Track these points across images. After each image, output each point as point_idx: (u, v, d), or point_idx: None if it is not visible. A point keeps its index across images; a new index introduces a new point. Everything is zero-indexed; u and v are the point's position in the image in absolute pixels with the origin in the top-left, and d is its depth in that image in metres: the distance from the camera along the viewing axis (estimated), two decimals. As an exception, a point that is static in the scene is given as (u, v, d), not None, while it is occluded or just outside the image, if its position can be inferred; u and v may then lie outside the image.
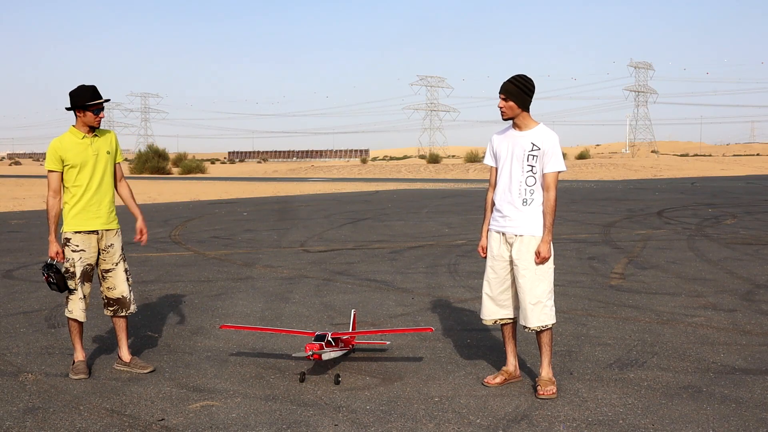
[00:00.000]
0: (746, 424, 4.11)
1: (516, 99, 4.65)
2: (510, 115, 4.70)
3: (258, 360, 5.50)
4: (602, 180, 45.00)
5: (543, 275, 4.67)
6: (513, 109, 4.68)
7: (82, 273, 5.11)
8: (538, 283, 4.66)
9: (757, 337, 5.98)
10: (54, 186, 5.14)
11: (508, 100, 4.66)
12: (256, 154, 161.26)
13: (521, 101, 4.66)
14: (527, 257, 4.66)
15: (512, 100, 4.65)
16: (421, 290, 8.26)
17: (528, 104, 4.69)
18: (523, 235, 4.68)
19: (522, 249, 4.68)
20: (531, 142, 4.66)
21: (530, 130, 4.70)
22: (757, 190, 28.71)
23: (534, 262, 4.65)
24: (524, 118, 4.71)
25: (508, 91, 4.66)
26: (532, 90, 4.68)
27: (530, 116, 4.74)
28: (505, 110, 4.69)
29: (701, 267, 9.58)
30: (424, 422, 4.19)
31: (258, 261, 10.67)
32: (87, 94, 5.08)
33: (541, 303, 4.66)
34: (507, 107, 4.68)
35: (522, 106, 4.67)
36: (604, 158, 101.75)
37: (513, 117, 4.72)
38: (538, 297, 4.66)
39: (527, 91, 4.66)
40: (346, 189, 35.75)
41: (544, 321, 4.69)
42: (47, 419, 4.27)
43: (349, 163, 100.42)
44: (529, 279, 4.66)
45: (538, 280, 4.66)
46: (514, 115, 4.70)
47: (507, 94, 4.66)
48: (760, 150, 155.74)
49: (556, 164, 4.64)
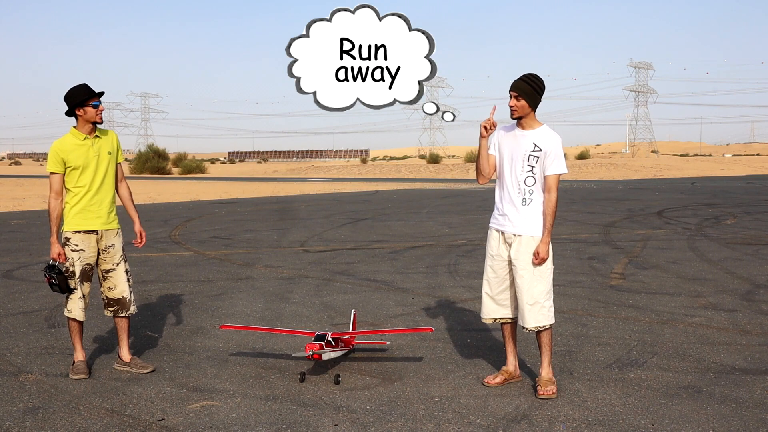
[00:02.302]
0: (746, 424, 4.12)
1: (528, 98, 4.61)
2: (520, 114, 4.65)
3: (258, 360, 5.50)
4: (602, 180, 45.00)
5: (541, 276, 4.66)
6: (524, 108, 4.63)
7: (81, 273, 5.12)
8: (536, 284, 4.65)
9: (757, 337, 5.98)
10: (56, 188, 5.15)
11: (520, 98, 4.61)
12: (256, 154, 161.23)
13: (533, 101, 4.62)
14: (525, 257, 4.65)
15: (525, 100, 4.61)
16: (421, 290, 8.26)
17: (537, 104, 4.66)
18: (522, 235, 4.67)
19: (520, 249, 4.67)
20: (533, 143, 4.63)
21: (533, 130, 4.68)
22: (757, 190, 28.71)
23: (532, 263, 4.65)
24: (530, 118, 4.69)
25: (521, 89, 4.60)
26: (543, 90, 4.65)
27: (535, 117, 4.71)
28: (516, 109, 4.64)
29: (701, 267, 9.58)
30: (424, 422, 4.19)
31: (258, 261, 10.67)
32: (82, 90, 5.10)
33: (538, 303, 4.65)
34: (519, 106, 4.63)
35: (532, 105, 4.64)
36: (604, 158, 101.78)
37: (523, 116, 4.67)
38: (535, 297, 4.65)
39: (540, 91, 4.63)
40: (346, 189, 35.75)
41: (541, 322, 4.68)
42: (47, 419, 4.27)
43: (349, 163, 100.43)
44: (527, 279, 4.65)
45: (536, 280, 4.65)
46: (524, 114, 4.66)
47: (520, 93, 4.60)
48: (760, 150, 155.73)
49: (557, 166, 4.62)
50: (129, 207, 5.46)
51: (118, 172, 5.39)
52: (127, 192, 5.46)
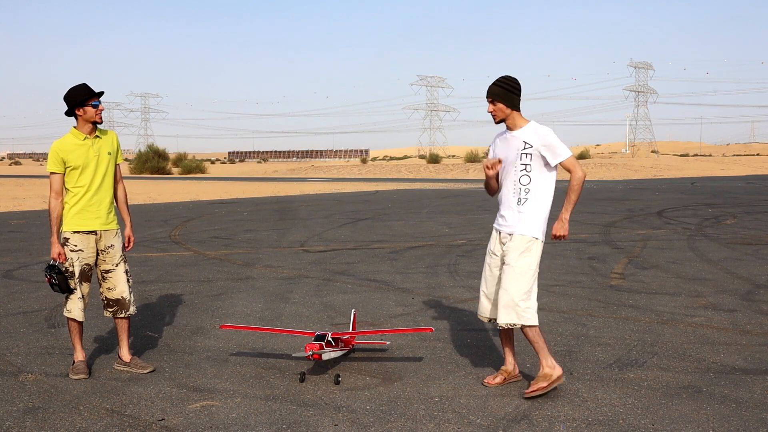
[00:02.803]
0: (746, 424, 4.11)
1: (503, 100, 4.67)
2: (501, 116, 4.73)
3: (258, 360, 5.50)
4: (602, 180, 45.01)
5: (521, 275, 4.62)
6: (503, 110, 4.69)
7: (80, 273, 5.12)
8: (513, 281, 4.62)
9: (757, 337, 5.98)
10: (56, 188, 5.15)
11: (495, 102, 4.69)
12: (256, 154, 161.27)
13: (509, 101, 4.67)
14: (512, 254, 4.66)
15: (500, 102, 4.68)
16: (421, 290, 8.26)
17: (516, 103, 4.69)
18: (514, 234, 4.69)
19: (510, 246, 4.69)
20: (523, 141, 4.68)
21: (521, 129, 4.72)
22: (757, 190, 28.71)
23: (516, 260, 4.64)
24: (515, 119, 4.73)
25: (494, 93, 4.68)
26: (517, 88, 4.69)
27: (521, 115, 4.75)
28: (495, 113, 4.72)
29: (701, 267, 9.58)
30: (424, 422, 4.19)
31: (258, 261, 10.67)
32: (82, 90, 5.10)
33: (512, 301, 4.61)
34: (496, 110, 4.71)
35: (511, 106, 4.68)
36: (604, 158, 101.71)
37: (505, 118, 4.73)
38: (510, 295, 4.62)
39: (512, 89, 4.67)
40: (346, 189, 35.75)
41: (513, 320, 4.62)
42: (47, 419, 4.27)
43: (349, 163, 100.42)
44: (507, 275, 4.65)
45: (515, 278, 4.62)
46: (505, 116, 4.72)
47: (493, 96, 4.69)
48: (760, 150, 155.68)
49: (561, 152, 4.65)
50: (123, 209, 5.46)
51: (116, 174, 5.38)
52: (123, 194, 5.46)
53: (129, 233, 5.42)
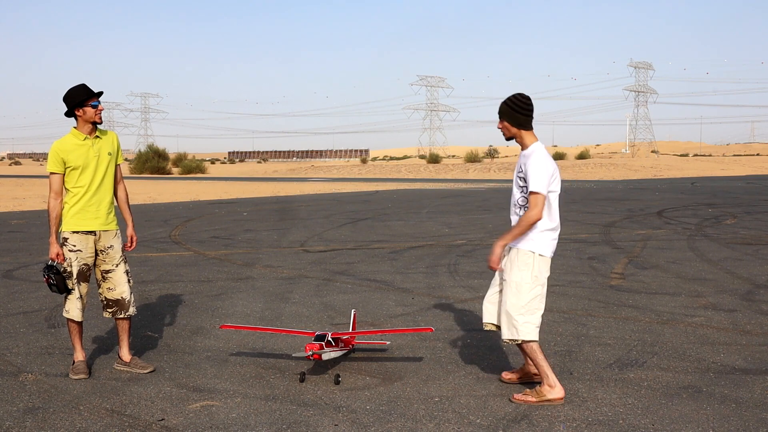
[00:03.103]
0: (746, 424, 4.11)
1: (508, 118, 4.63)
2: (508, 135, 4.71)
3: (258, 360, 5.50)
4: (602, 180, 44.99)
5: (518, 290, 4.58)
6: (508, 128, 4.67)
7: (79, 273, 5.11)
8: (510, 296, 4.59)
9: (757, 337, 5.98)
10: (55, 188, 5.14)
11: (502, 120, 4.69)
12: (256, 154, 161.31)
13: (513, 120, 4.61)
14: (509, 269, 4.63)
15: (505, 120, 4.65)
16: (421, 290, 8.26)
17: (521, 122, 4.61)
18: (512, 248, 4.67)
19: (509, 259, 4.68)
20: (521, 163, 4.66)
21: (526, 149, 4.66)
22: (757, 190, 28.71)
23: (512, 274, 4.59)
24: (523, 137, 4.66)
25: (500, 111, 4.68)
26: (523, 107, 4.60)
27: (530, 135, 4.65)
28: (502, 130, 4.72)
29: (701, 267, 9.58)
30: (424, 422, 4.19)
31: (258, 261, 10.67)
32: (81, 91, 5.10)
33: (510, 316, 4.58)
34: (502, 128, 4.71)
35: (515, 124, 4.62)
36: (604, 158, 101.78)
37: (513, 137, 4.69)
38: (507, 309, 4.60)
39: (516, 108, 4.60)
40: (346, 189, 35.75)
41: (513, 335, 4.59)
42: (47, 419, 4.27)
43: (349, 163, 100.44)
44: (504, 289, 4.66)
45: (512, 293, 4.59)
46: (512, 134, 4.68)
47: (500, 114, 4.69)
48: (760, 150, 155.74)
49: (532, 185, 4.49)
50: (124, 209, 5.46)
51: (117, 174, 5.38)
52: (124, 194, 5.45)
53: (131, 233, 5.42)
